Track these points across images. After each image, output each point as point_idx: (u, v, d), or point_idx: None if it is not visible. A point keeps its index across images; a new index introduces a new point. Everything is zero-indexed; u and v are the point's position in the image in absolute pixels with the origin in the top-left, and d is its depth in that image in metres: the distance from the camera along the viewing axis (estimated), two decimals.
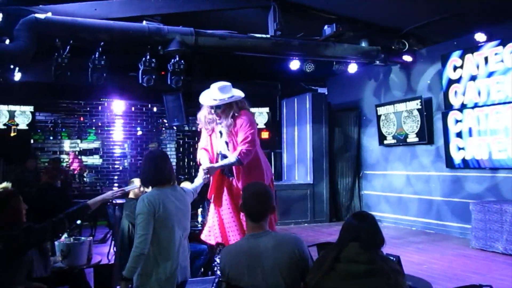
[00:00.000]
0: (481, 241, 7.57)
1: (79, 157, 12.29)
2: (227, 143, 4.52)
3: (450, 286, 2.57)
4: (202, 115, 4.61)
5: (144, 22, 7.56)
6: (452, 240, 8.51)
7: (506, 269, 6.23)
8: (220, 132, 4.54)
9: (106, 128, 12.60)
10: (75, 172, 12.19)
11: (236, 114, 4.36)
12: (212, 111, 4.44)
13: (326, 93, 12.44)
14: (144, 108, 12.93)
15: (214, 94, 4.39)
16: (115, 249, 6.52)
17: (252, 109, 13.20)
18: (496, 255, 7.20)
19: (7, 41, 6.94)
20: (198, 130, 4.85)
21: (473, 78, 8.43)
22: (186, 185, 6.89)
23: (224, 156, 4.51)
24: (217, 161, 4.55)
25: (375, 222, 2.58)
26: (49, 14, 6.89)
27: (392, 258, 3.13)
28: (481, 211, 7.63)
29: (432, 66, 9.47)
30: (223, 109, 4.37)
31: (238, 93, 4.46)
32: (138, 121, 12.93)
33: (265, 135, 13.53)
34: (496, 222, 7.34)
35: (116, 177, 12.61)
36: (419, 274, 4.40)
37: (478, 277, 5.96)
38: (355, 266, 2.38)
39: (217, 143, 4.59)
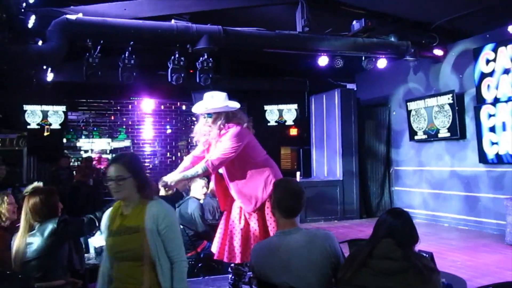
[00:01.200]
0: None
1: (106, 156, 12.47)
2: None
3: (485, 283, 2.52)
4: (198, 127, 4.37)
5: (173, 21, 7.64)
6: (486, 237, 8.35)
7: None
8: None
9: (136, 127, 12.78)
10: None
11: (222, 126, 4.11)
12: (206, 121, 4.21)
13: (355, 89, 12.33)
14: (173, 106, 13.07)
15: (206, 103, 4.18)
16: None
17: (281, 106, 13.30)
18: None
19: (40, 42, 7.11)
20: (194, 143, 4.62)
21: (506, 71, 8.23)
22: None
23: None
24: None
25: (410, 219, 2.55)
26: (80, 15, 7.03)
27: (425, 254, 3.10)
28: None
29: (464, 60, 9.28)
30: (214, 119, 4.15)
31: (233, 105, 4.21)
32: (168, 119, 13.07)
33: (293, 132, 13.54)
34: None
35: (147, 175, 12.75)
36: (453, 271, 4.33)
37: None
38: (389, 263, 2.36)
39: None
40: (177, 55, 7.75)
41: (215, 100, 4.15)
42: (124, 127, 12.72)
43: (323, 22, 8.58)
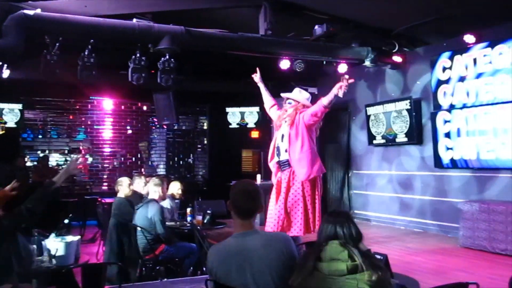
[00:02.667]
0: (469, 239, 7.64)
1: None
2: (282, 136, 5.79)
3: (438, 284, 2.59)
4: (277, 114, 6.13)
5: (134, 19, 7.53)
6: (441, 239, 8.57)
7: (494, 268, 6.29)
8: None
9: (95, 127, 12.54)
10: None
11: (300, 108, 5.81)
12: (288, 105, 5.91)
13: (317, 92, 12.44)
14: (134, 107, 12.88)
15: (293, 94, 6.03)
16: (104, 249, 6.49)
17: (243, 109, 13.31)
18: (483, 253, 7.27)
19: None
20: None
21: (461, 79, 8.49)
22: (175, 185, 6.92)
23: (278, 149, 5.85)
24: (274, 154, 5.93)
25: (350, 218, 2.60)
26: (39, 11, 6.84)
27: (379, 256, 3.16)
28: (469, 210, 7.71)
29: (422, 67, 9.52)
30: (294, 104, 5.90)
31: (308, 101, 6.01)
32: (128, 120, 12.87)
33: (255, 134, 13.55)
34: (483, 221, 7.42)
35: (105, 176, 12.55)
36: (408, 273, 4.43)
37: (465, 275, 6.01)
38: (338, 264, 2.39)
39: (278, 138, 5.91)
40: (138, 55, 7.64)
41: (301, 94, 6.04)
42: (83, 126, 12.46)
43: (286, 26, 8.63)
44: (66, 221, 6.42)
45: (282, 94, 5.94)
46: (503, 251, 7.10)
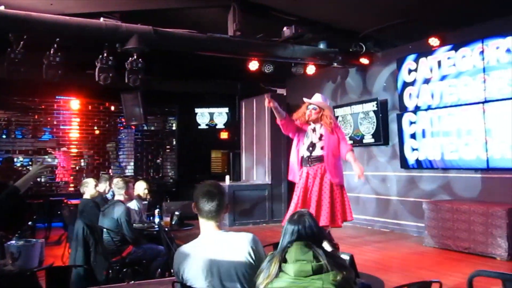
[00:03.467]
0: (434, 239, 7.80)
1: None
2: (315, 135, 5.86)
3: (403, 282, 2.64)
4: (301, 111, 5.99)
5: (102, 19, 7.42)
6: (407, 239, 8.73)
7: (457, 266, 6.44)
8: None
9: (62, 127, 12.31)
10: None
11: (326, 118, 5.80)
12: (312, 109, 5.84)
13: (285, 94, 12.53)
14: (101, 107, 12.71)
15: (316, 98, 5.95)
16: (69, 251, 6.38)
17: (212, 109, 13.29)
18: (448, 252, 7.43)
19: None
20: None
21: (426, 81, 8.67)
22: (140, 185, 6.84)
23: (314, 145, 5.85)
24: (301, 162, 5.93)
25: (313, 218, 2.62)
26: (2, 8, 6.68)
27: (345, 256, 3.20)
28: (434, 210, 7.87)
29: (388, 69, 9.69)
30: (318, 110, 5.81)
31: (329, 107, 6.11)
32: (96, 120, 12.69)
33: (224, 135, 13.54)
34: (448, 220, 7.58)
35: (72, 177, 12.35)
36: (374, 272, 4.51)
37: (430, 273, 6.14)
38: (303, 265, 2.41)
39: (303, 148, 5.92)
40: (105, 54, 7.54)
41: (322, 98, 5.98)
42: (49, 127, 12.22)
43: (255, 27, 8.65)
44: (30, 223, 6.30)
45: (306, 100, 5.93)
46: (466, 249, 7.28)
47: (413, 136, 8.90)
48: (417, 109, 8.83)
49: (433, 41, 8.41)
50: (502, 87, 7.42)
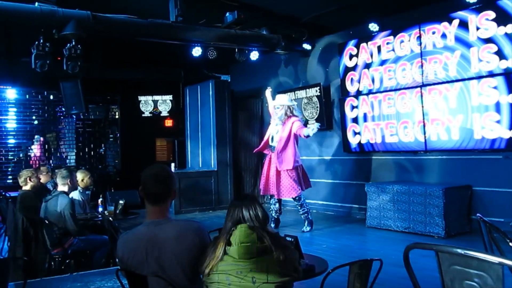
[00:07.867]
0: (376, 219, 8.03)
1: None
2: (277, 130, 7.94)
3: (345, 262, 2.72)
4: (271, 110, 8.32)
5: (37, 3, 7.13)
6: (351, 221, 8.95)
7: (397, 245, 6.65)
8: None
9: None
10: None
11: (289, 113, 7.89)
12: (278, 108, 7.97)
13: (229, 80, 12.51)
14: (40, 96, 12.27)
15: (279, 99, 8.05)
16: (8, 244, 6.18)
17: (155, 97, 13.11)
18: (389, 232, 7.68)
19: None
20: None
21: (367, 66, 8.86)
22: (80, 175, 6.65)
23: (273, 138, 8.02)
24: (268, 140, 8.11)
25: (256, 200, 2.65)
26: None
27: (290, 239, 3.25)
28: (375, 192, 8.10)
29: (330, 55, 9.83)
30: (281, 108, 7.90)
31: (292, 103, 8.14)
32: (34, 110, 12.25)
33: (168, 123, 13.38)
34: (389, 202, 7.83)
35: (10, 169, 11.89)
36: (318, 254, 4.59)
37: (371, 253, 6.35)
38: (246, 248, 2.44)
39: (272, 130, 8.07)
40: (41, 41, 7.26)
41: (284, 98, 8.06)
42: None
43: (197, 12, 8.56)
44: None
45: (270, 103, 8.32)
46: (406, 229, 7.55)
47: (355, 120, 9.10)
48: (358, 93, 9.02)
49: (373, 27, 8.61)
50: (438, 71, 7.69)
